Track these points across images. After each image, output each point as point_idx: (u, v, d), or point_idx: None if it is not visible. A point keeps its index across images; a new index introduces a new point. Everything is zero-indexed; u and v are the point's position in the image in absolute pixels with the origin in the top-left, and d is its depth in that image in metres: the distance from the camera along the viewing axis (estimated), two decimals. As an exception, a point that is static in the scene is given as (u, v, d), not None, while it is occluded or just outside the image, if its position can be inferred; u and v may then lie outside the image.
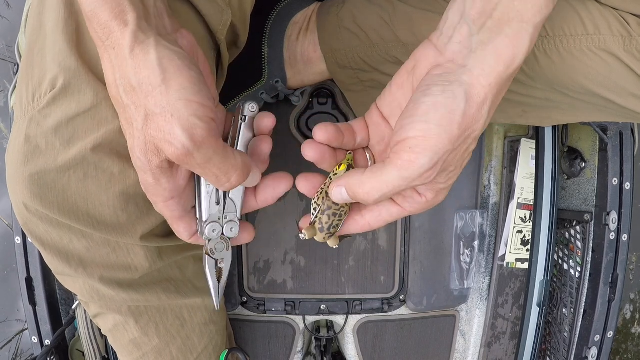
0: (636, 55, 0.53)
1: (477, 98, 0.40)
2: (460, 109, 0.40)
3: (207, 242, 0.48)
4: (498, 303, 0.97)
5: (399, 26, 0.64)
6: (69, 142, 0.44)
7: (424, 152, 0.40)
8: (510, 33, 0.41)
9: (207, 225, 0.47)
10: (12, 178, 0.46)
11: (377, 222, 0.48)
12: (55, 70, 0.43)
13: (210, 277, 0.50)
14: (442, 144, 0.40)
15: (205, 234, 0.47)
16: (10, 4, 1.34)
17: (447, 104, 0.40)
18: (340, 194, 0.45)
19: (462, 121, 0.40)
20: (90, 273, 0.53)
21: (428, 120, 0.40)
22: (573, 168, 0.93)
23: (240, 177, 0.42)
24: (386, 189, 0.41)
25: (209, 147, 0.38)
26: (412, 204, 0.46)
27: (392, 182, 0.41)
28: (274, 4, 0.75)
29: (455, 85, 0.40)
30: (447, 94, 0.40)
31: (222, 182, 0.41)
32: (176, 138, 0.36)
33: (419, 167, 0.40)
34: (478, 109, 0.41)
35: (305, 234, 0.48)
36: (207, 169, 0.39)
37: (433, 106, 0.40)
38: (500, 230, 0.96)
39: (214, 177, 0.40)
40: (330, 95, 0.82)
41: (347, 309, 0.92)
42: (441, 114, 0.40)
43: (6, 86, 1.36)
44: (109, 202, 0.47)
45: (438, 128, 0.39)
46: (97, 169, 0.45)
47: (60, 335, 0.82)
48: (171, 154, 0.37)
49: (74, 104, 0.43)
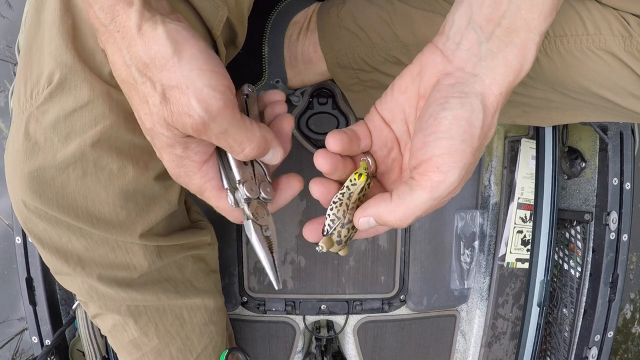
0: (636, 55, 0.53)
1: (491, 107, 0.41)
2: (480, 120, 0.40)
3: (246, 206, 0.44)
4: (498, 303, 0.97)
5: (399, 26, 0.64)
6: (67, 138, 0.44)
7: (451, 170, 0.40)
8: (518, 43, 0.41)
9: (243, 185, 0.43)
10: (11, 175, 0.46)
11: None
12: (51, 65, 0.43)
13: (261, 247, 0.44)
14: (466, 158, 0.40)
15: (243, 193, 0.43)
16: (11, 4, 1.34)
17: (468, 117, 0.40)
18: (367, 224, 0.44)
19: (480, 132, 0.40)
20: (89, 272, 0.53)
21: (452, 137, 0.40)
22: (573, 168, 0.93)
23: (254, 150, 0.41)
24: (419, 212, 0.41)
25: (224, 118, 0.38)
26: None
27: (424, 205, 0.41)
28: (274, 3, 0.75)
29: (472, 97, 0.41)
30: (466, 107, 0.40)
31: (236, 152, 0.41)
32: (193, 109, 0.37)
33: (449, 185, 0.40)
34: (492, 118, 0.41)
35: (322, 247, 0.45)
36: (222, 139, 0.39)
37: (455, 121, 0.40)
38: (500, 230, 0.96)
39: (228, 147, 0.40)
40: (330, 95, 0.82)
41: (347, 309, 0.92)
42: (463, 129, 0.40)
43: (6, 86, 1.36)
44: (108, 199, 0.47)
45: (462, 143, 0.40)
46: (96, 166, 0.45)
47: (60, 335, 0.82)
48: (190, 126, 0.37)
49: (70, 100, 0.43)
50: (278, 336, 0.93)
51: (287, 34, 0.75)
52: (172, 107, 0.37)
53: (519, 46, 0.41)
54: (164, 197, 0.53)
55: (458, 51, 0.43)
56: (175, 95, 0.37)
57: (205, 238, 0.67)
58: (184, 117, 0.37)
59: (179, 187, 0.54)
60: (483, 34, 0.42)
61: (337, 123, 0.83)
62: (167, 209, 0.54)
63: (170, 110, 0.37)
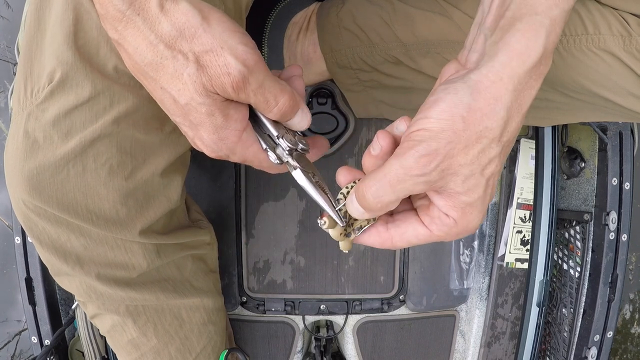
0: (636, 55, 0.53)
1: (486, 93, 0.39)
2: (464, 102, 0.38)
3: (290, 158, 0.45)
4: (498, 303, 0.97)
5: (399, 26, 0.64)
6: (67, 134, 0.44)
7: (421, 140, 0.39)
8: (521, 27, 0.40)
9: (283, 138, 0.44)
10: (10, 174, 0.46)
11: (400, 241, 0.45)
12: (53, 64, 0.43)
13: (316, 191, 0.45)
14: (442, 134, 0.38)
15: (285, 145, 0.44)
16: (10, 4, 1.34)
17: (448, 99, 0.39)
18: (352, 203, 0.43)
19: (467, 115, 0.38)
20: (88, 271, 0.53)
21: (428, 116, 0.39)
22: (573, 168, 0.93)
23: (288, 102, 0.41)
24: (385, 179, 0.39)
25: (260, 71, 0.39)
26: (439, 226, 0.43)
27: (390, 171, 0.39)
28: (273, 3, 0.75)
29: (458, 83, 0.40)
30: (448, 91, 0.40)
31: (272, 107, 0.41)
32: (232, 67, 0.37)
33: (415, 151, 0.38)
34: (488, 104, 0.39)
35: (325, 221, 0.44)
36: (260, 93, 0.39)
37: (434, 103, 0.39)
38: (499, 230, 0.96)
39: (264, 102, 0.40)
40: (329, 95, 0.82)
41: (346, 309, 0.92)
42: (441, 108, 0.39)
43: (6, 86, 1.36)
44: (108, 195, 0.47)
45: (438, 121, 0.38)
46: (96, 162, 0.45)
47: (59, 335, 0.82)
48: (230, 84, 0.38)
49: (71, 97, 0.43)
50: (277, 336, 0.93)
51: (287, 34, 0.75)
52: (209, 71, 0.37)
53: (522, 30, 0.39)
54: (163, 194, 0.53)
55: (470, 55, 0.44)
56: (210, 59, 0.37)
57: (205, 238, 0.67)
58: (223, 77, 0.37)
59: (179, 184, 0.54)
60: (489, 31, 0.42)
61: (336, 123, 0.84)
62: (167, 206, 0.53)
63: (208, 75, 0.38)
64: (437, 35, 0.62)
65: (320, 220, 0.44)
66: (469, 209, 0.41)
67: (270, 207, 0.87)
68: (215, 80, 0.38)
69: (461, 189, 0.40)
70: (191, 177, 0.85)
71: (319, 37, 0.71)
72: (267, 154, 0.45)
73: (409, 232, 0.44)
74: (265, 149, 0.45)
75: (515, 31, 0.40)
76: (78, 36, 0.43)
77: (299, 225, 0.88)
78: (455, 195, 0.41)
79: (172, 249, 0.59)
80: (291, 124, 0.44)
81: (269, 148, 0.45)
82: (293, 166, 0.45)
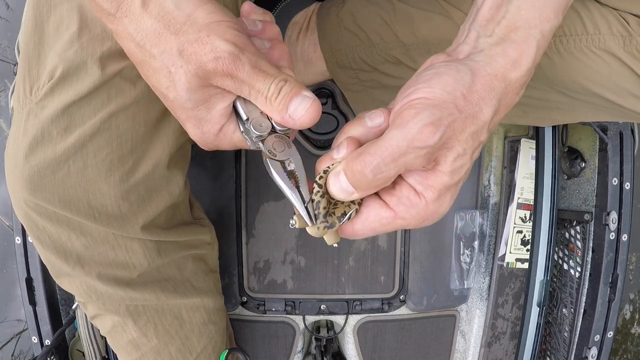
0: (636, 55, 0.53)
1: (483, 80, 0.39)
2: (465, 80, 0.38)
3: (260, 144, 0.41)
4: (498, 303, 0.97)
5: (399, 26, 0.64)
6: (66, 130, 0.44)
7: (425, 107, 0.37)
8: (516, 38, 0.41)
9: (251, 123, 0.40)
10: (11, 174, 0.46)
11: (363, 229, 0.41)
12: (55, 61, 0.43)
13: (283, 183, 0.40)
14: (445, 104, 0.37)
15: (252, 131, 0.40)
16: (10, 4, 1.34)
17: (452, 73, 0.39)
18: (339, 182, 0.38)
19: (467, 93, 0.38)
20: (88, 271, 0.53)
21: (431, 85, 0.38)
22: (573, 168, 0.93)
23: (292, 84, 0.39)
24: (385, 152, 0.36)
25: (253, 52, 0.37)
26: (407, 207, 0.39)
27: (391, 143, 0.36)
28: (273, 4, 0.75)
29: (458, 63, 0.40)
30: (451, 67, 0.39)
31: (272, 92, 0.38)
32: (220, 48, 0.36)
33: (419, 119, 0.36)
34: (485, 89, 0.39)
35: (295, 220, 0.40)
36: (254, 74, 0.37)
37: (436, 74, 0.39)
38: (500, 230, 0.96)
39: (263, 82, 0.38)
40: (330, 95, 0.82)
41: (347, 309, 0.92)
42: (445, 80, 0.38)
43: (7, 85, 1.36)
44: (109, 191, 0.47)
45: (442, 91, 0.37)
46: (97, 157, 0.45)
47: (60, 335, 0.82)
48: (221, 67, 0.36)
49: (71, 91, 0.43)
50: (278, 336, 0.93)
51: (287, 34, 0.75)
52: (196, 61, 0.36)
53: (517, 42, 0.41)
54: (165, 188, 0.53)
55: (460, 47, 0.43)
56: (195, 49, 0.36)
57: (205, 237, 0.67)
58: (210, 63, 0.36)
59: (180, 178, 0.54)
60: (484, 31, 0.42)
61: (337, 123, 0.84)
62: (169, 200, 0.53)
63: (195, 65, 0.36)
64: (437, 36, 0.62)
65: (292, 220, 0.40)
66: (445, 192, 0.39)
67: (271, 206, 0.87)
68: (202, 69, 0.37)
69: (449, 167, 0.38)
70: (192, 176, 0.85)
71: (319, 37, 0.71)
72: (244, 137, 0.42)
73: (372, 218, 0.40)
74: (242, 132, 0.42)
75: (511, 42, 0.41)
76: (82, 33, 0.43)
77: (299, 225, 0.88)
78: (439, 175, 0.38)
79: (173, 248, 0.59)
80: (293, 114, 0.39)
81: (244, 132, 0.42)
82: (264, 153, 0.41)
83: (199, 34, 0.36)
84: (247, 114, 0.40)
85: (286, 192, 0.40)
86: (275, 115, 0.39)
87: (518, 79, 0.41)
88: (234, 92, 0.39)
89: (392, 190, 0.40)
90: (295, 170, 0.41)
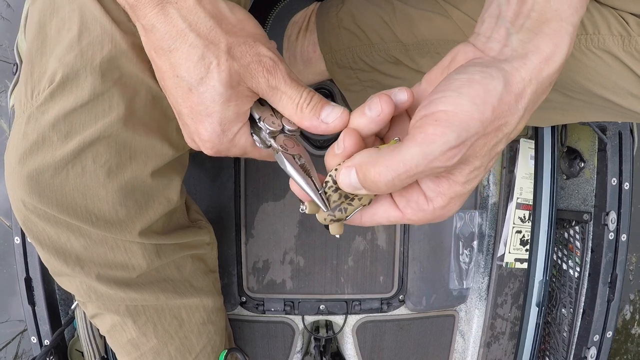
0: (635, 55, 0.53)
1: (515, 88, 0.37)
2: (497, 90, 0.36)
3: (272, 141, 0.43)
4: (497, 303, 0.97)
5: (399, 26, 0.64)
6: (67, 136, 0.44)
7: (452, 126, 0.35)
8: (549, 32, 0.39)
9: (264, 121, 0.43)
10: (10, 176, 0.47)
11: (369, 221, 0.43)
12: (55, 65, 0.43)
13: (297, 174, 0.42)
14: (473, 122, 0.35)
15: (265, 128, 0.43)
16: (10, 4, 1.34)
17: (484, 82, 0.37)
18: (349, 178, 0.38)
19: (497, 105, 0.36)
20: (88, 271, 0.53)
21: (461, 95, 0.36)
22: (572, 168, 0.93)
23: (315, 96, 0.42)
24: (402, 169, 0.35)
25: (286, 65, 0.41)
26: (415, 211, 0.40)
27: (410, 160, 0.35)
28: (273, 3, 0.75)
29: (493, 69, 0.38)
30: (484, 74, 0.37)
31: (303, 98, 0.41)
32: (263, 54, 0.40)
33: (444, 142, 0.35)
34: (515, 99, 0.37)
35: (306, 206, 0.41)
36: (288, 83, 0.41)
37: (468, 82, 0.37)
38: (499, 230, 0.96)
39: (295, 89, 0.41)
40: (329, 95, 0.82)
41: (346, 309, 0.92)
42: (476, 91, 0.36)
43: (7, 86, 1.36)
44: (107, 197, 0.47)
45: (471, 105, 0.36)
46: (95, 164, 0.45)
47: (59, 335, 0.82)
48: (262, 69, 0.40)
49: (71, 98, 0.43)
50: (277, 336, 0.93)
51: (286, 33, 0.75)
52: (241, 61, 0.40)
53: (550, 35, 0.39)
54: (162, 195, 0.53)
55: (489, 43, 0.42)
56: (243, 49, 0.40)
57: (204, 238, 0.67)
58: (255, 65, 0.40)
59: (177, 185, 0.54)
60: (513, 27, 0.41)
61: (336, 123, 0.83)
62: (166, 206, 0.54)
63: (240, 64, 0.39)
64: (436, 35, 0.62)
65: (302, 205, 0.42)
66: (455, 199, 0.39)
67: (270, 207, 0.88)
68: (245, 68, 0.39)
69: (464, 179, 0.38)
70: (191, 177, 0.85)
71: (318, 37, 0.71)
72: (253, 138, 0.44)
73: (380, 214, 0.42)
74: (251, 133, 0.44)
75: (544, 35, 0.39)
76: (82, 36, 0.43)
77: (298, 225, 0.88)
78: (452, 184, 0.38)
79: (172, 249, 0.59)
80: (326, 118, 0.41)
81: (254, 132, 0.44)
82: (275, 149, 0.43)
83: (246, 39, 0.40)
84: (260, 113, 0.44)
85: (300, 181, 0.42)
86: (305, 121, 0.42)
87: (550, 76, 0.39)
88: (263, 95, 0.41)
89: (402, 191, 0.40)
90: (306, 164, 0.43)
